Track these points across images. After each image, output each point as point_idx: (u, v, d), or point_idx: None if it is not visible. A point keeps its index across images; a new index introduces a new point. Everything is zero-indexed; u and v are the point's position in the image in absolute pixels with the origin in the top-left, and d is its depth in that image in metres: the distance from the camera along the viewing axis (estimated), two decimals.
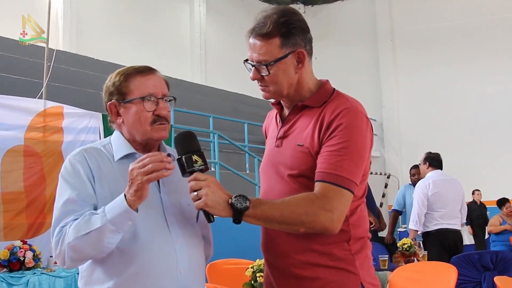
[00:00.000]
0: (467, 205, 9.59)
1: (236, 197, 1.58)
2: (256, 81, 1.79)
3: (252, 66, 1.76)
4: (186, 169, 1.61)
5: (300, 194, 1.64)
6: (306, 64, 1.77)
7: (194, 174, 1.60)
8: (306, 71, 1.78)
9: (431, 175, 5.74)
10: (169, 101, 1.82)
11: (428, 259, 5.01)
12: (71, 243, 1.59)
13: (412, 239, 5.30)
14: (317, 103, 1.75)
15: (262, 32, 1.72)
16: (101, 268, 1.69)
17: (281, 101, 1.85)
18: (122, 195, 1.59)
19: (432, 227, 5.58)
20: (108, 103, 1.81)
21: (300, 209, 1.59)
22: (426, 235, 5.62)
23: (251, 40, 1.75)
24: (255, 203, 1.59)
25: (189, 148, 1.63)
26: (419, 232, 5.75)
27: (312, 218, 1.59)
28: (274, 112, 1.93)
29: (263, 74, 1.74)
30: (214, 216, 1.61)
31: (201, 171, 1.61)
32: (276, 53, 1.71)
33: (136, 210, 1.60)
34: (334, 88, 1.81)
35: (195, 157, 1.61)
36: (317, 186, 1.64)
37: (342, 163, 1.63)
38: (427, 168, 5.85)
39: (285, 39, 1.72)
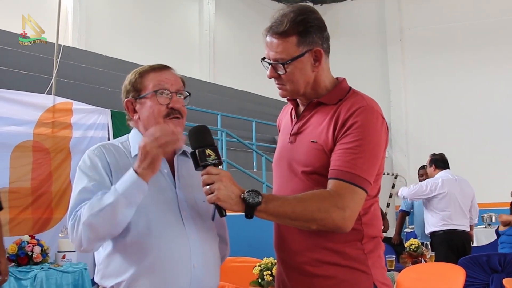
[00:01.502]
0: None
1: (248, 192, 1.58)
2: (272, 79, 1.78)
3: (269, 64, 1.75)
4: (200, 163, 1.61)
5: (313, 191, 1.63)
6: (323, 62, 1.76)
7: (207, 168, 1.60)
8: (323, 69, 1.77)
9: (441, 175, 5.72)
10: (184, 97, 1.84)
11: (435, 260, 4.99)
12: (86, 221, 1.60)
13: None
14: (332, 100, 1.74)
15: (279, 31, 1.71)
16: (116, 261, 1.70)
17: (297, 98, 1.84)
18: (130, 170, 1.62)
19: (440, 228, 5.56)
20: (125, 100, 1.84)
21: (313, 206, 1.59)
22: (433, 236, 5.60)
23: (268, 38, 1.75)
24: (267, 199, 1.58)
25: (203, 142, 1.64)
26: (426, 232, 5.73)
27: (324, 215, 1.59)
28: (289, 106, 1.92)
29: (279, 72, 1.74)
30: (226, 211, 1.61)
31: (215, 165, 1.61)
32: (293, 51, 1.71)
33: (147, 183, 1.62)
34: (350, 87, 1.80)
35: (208, 151, 1.61)
36: (330, 183, 1.63)
37: (356, 161, 1.62)
38: (434, 170, 5.84)
39: (302, 37, 1.71)
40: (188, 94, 1.85)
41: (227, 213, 1.62)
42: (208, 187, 1.57)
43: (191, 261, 1.70)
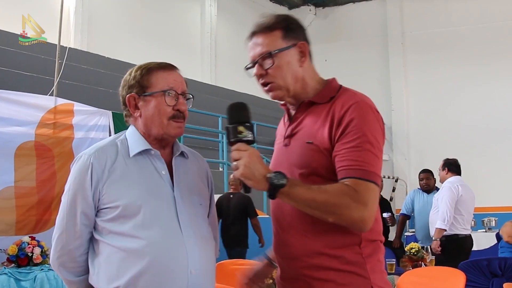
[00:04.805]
0: None
1: (275, 173, 1.58)
2: (261, 81, 1.78)
3: (255, 63, 1.76)
4: (230, 139, 1.63)
5: (336, 184, 1.61)
6: (309, 60, 1.78)
7: (237, 144, 1.61)
8: (310, 68, 1.79)
9: (454, 180, 5.70)
10: (187, 99, 1.83)
11: (441, 263, 4.99)
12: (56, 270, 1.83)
13: (438, 239, 5.32)
14: (324, 99, 1.74)
15: (263, 27, 1.75)
16: (111, 266, 1.68)
17: (288, 101, 1.83)
18: None
19: (460, 232, 5.57)
20: (127, 95, 1.80)
21: (335, 199, 1.57)
22: (453, 240, 5.55)
23: (253, 40, 1.78)
24: (292, 183, 1.58)
25: (237, 119, 1.67)
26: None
27: (344, 211, 1.57)
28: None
29: (266, 67, 1.74)
30: (251, 189, 1.61)
31: (247, 142, 1.63)
32: (279, 44, 1.73)
33: None
34: (340, 85, 1.80)
35: (240, 128, 1.63)
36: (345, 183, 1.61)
37: (363, 158, 1.60)
38: (446, 174, 5.81)
39: (287, 32, 1.75)
40: (191, 96, 1.84)
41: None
42: (235, 162, 1.58)
43: (188, 267, 1.67)
